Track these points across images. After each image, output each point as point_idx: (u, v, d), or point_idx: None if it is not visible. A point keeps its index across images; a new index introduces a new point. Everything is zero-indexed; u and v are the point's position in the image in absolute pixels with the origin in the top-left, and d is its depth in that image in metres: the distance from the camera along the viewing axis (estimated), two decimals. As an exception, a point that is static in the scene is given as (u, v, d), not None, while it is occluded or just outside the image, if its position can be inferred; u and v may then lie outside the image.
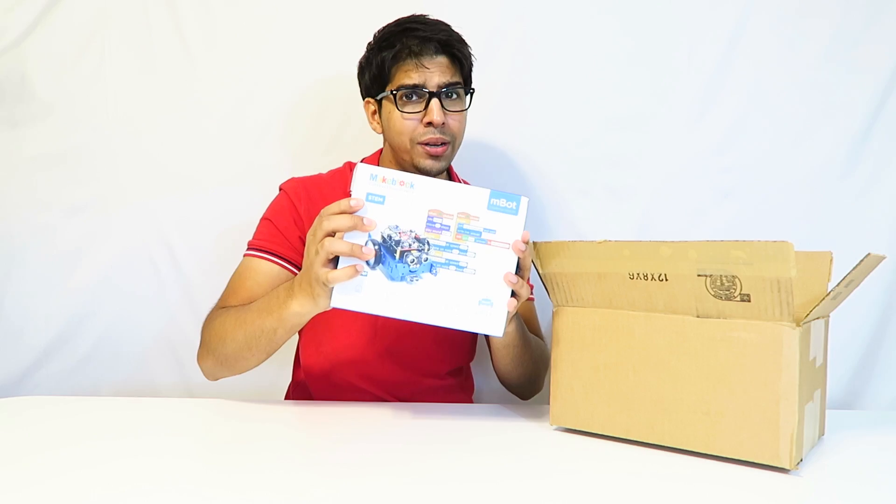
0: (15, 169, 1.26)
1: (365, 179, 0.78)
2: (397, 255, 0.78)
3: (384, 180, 0.79)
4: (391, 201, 0.79)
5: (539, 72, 1.27)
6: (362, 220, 0.77)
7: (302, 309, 0.83)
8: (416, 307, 0.79)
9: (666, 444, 0.75)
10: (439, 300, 0.79)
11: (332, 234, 0.77)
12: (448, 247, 0.79)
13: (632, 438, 0.78)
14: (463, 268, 0.79)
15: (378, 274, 0.78)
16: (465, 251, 0.79)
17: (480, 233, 0.79)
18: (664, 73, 1.27)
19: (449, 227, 0.79)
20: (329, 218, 0.78)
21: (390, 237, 0.78)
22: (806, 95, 1.26)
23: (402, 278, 0.78)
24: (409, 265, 0.79)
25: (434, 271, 0.79)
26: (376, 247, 0.78)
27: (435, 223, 0.79)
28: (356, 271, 0.76)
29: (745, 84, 1.27)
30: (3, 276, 1.26)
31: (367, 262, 0.78)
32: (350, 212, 0.77)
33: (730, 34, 1.26)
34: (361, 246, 0.77)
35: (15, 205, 1.26)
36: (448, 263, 0.79)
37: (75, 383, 1.27)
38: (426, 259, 0.79)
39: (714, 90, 1.27)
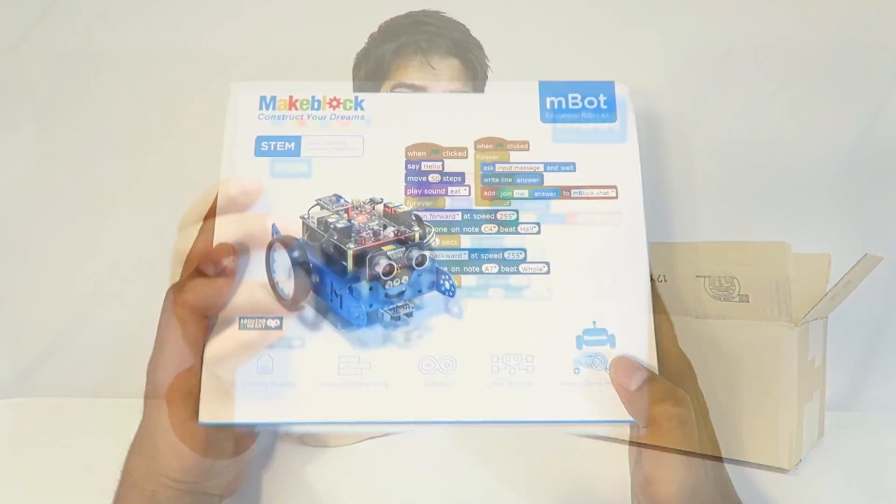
0: (15, 169, 1.26)
1: (251, 110, 0.33)
2: (350, 266, 0.32)
3: (294, 105, 0.35)
4: (314, 146, 0.32)
5: (538, 72, 1.27)
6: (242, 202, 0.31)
7: (182, 465, 0.41)
8: (424, 402, 0.33)
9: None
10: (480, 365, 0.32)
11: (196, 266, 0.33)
12: (470, 222, 0.33)
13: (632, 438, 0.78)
14: (522, 285, 0.30)
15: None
16: (514, 223, 0.32)
17: (541, 178, 0.34)
18: (663, 71, 1.27)
19: (462, 177, 0.34)
20: (183, 232, 0.33)
21: (329, 225, 0.34)
22: (805, 95, 1.26)
23: (381, 320, 0.33)
24: (384, 289, 0.33)
25: (451, 297, 0.32)
26: (301, 262, 0.31)
27: (427, 177, 0.34)
28: (264, 337, 0.32)
29: (744, 84, 1.27)
30: (3, 276, 1.26)
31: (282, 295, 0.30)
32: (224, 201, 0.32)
33: (729, 34, 1.26)
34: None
35: (15, 205, 1.26)
36: (479, 267, 0.31)
37: (75, 383, 1.27)
38: (423, 260, 0.33)
39: (713, 88, 1.27)
